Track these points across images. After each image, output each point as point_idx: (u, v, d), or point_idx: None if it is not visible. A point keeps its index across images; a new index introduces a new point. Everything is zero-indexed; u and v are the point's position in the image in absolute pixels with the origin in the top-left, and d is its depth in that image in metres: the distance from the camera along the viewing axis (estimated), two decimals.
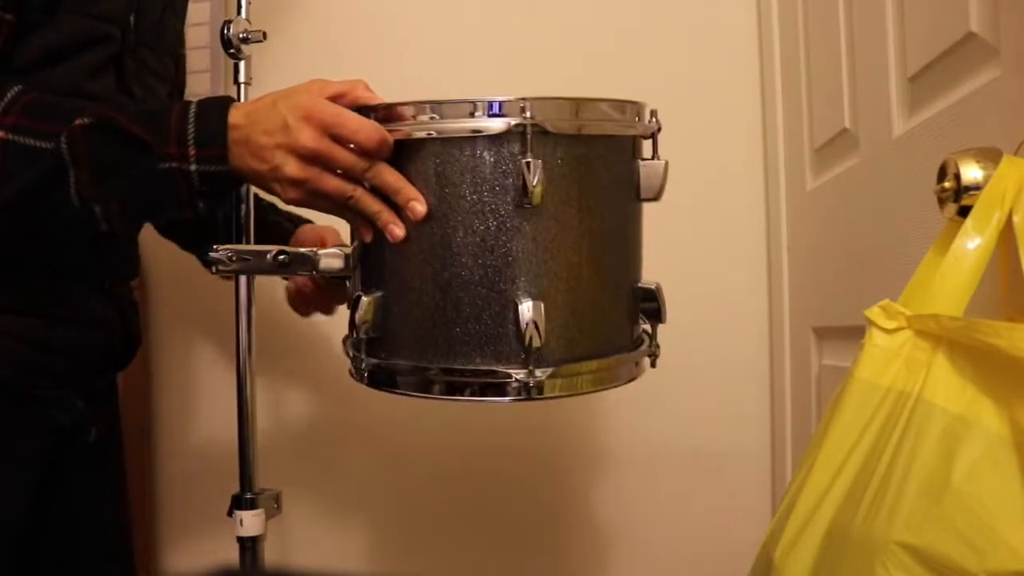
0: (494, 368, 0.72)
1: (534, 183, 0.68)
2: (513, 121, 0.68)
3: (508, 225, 0.70)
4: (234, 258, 0.80)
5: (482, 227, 0.70)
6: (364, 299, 0.74)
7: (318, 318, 1.24)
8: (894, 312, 0.58)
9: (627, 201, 0.78)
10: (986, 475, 0.48)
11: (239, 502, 0.94)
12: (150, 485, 1.36)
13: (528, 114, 0.68)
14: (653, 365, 0.81)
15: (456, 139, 0.70)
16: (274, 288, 1.09)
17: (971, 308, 0.55)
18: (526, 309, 0.70)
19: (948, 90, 0.71)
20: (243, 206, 0.95)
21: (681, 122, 1.26)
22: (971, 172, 0.56)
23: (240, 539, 0.94)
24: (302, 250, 0.80)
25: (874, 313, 0.59)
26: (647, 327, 0.82)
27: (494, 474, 1.32)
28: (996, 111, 0.62)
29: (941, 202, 0.58)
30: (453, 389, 0.73)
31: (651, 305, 0.80)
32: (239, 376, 0.95)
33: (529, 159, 0.68)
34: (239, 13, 0.95)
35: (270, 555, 0.98)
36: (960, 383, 0.52)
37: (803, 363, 1.13)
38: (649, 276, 0.82)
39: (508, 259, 0.71)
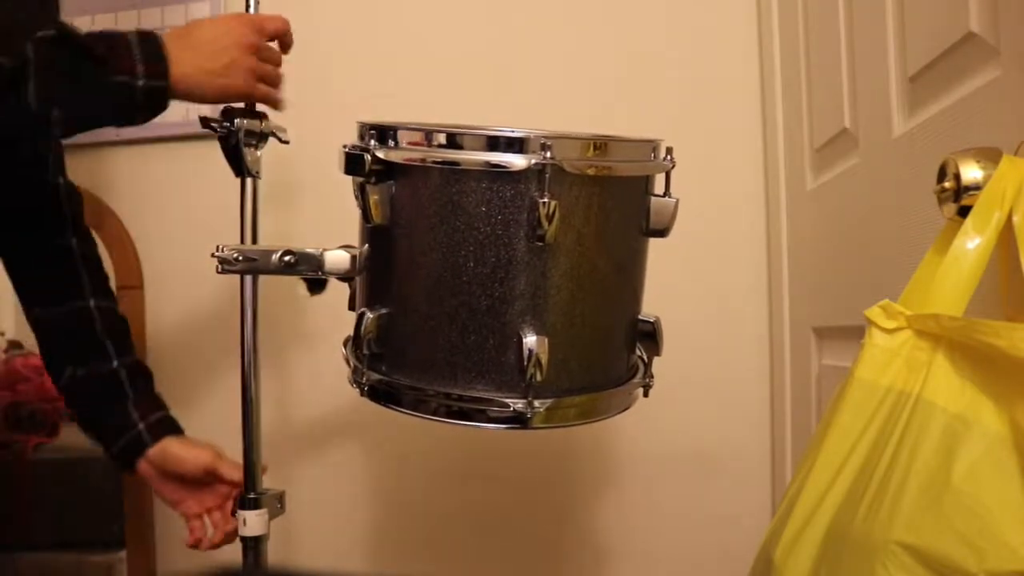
0: (493, 396, 0.72)
1: (548, 222, 0.68)
2: (533, 160, 0.68)
3: (518, 259, 0.71)
4: (240, 258, 0.80)
5: (493, 259, 0.71)
6: (369, 316, 0.74)
7: (321, 318, 1.24)
8: (894, 312, 0.58)
9: (635, 236, 0.78)
10: (986, 475, 0.48)
11: (243, 502, 0.94)
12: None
13: (548, 153, 0.68)
14: (646, 395, 0.82)
15: (474, 171, 0.70)
16: (276, 289, 1.09)
17: (971, 308, 0.55)
18: (530, 343, 0.70)
19: (948, 90, 0.71)
20: (250, 205, 0.95)
21: (681, 122, 1.28)
22: (971, 172, 0.56)
23: (243, 539, 0.94)
24: (308, 249, 0.80)
25: (874, 313, 0.59)
26: (643, 356, 0.83)
27: (497, 476, 1.32)
28: (996, 111, 0.62)
29: (941, 202, 0.58)
30: (451, 412, 0.73)
31: (649, 338, 0.80)
32: (244, 376, 0.95)
33: (546, 199, 0.68)
34: (247, 8, 0.95)
35: (272, 555, 0.98)
36: (960, 383, 0.52)
37: (803, 363, 1.13)
38: (649, 276, 0.82)
39: (516, 292, 0.71)
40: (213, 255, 0.81)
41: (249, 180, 0.94)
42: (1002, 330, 0.48)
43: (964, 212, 0.56)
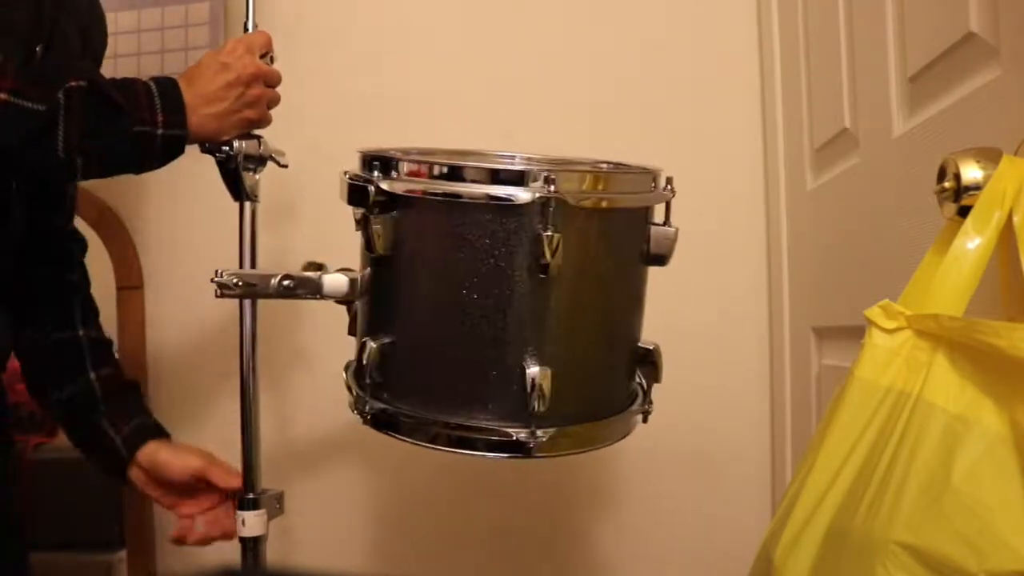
0: (496, 426, 0.73)
1: (552, 255, 0.69)
2: (537, 193, 0.69)
3: (521, 291, 0.71)
4: (239, 283, 0.80)
5: (496, 291, 0.71)
6: (372, 345, 0.74)
7: (320, 323, 1.24)
8: (894, 312, 0.58)
9: (635, 265, 0.79)
10: (986, 475, 0.48)
11: (242, 503, 0.94)
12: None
13: (552, 187, 0.68)
14: (644, 421, 0.83)
15: (478, 204, 0.70)
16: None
17: (971, 308, 0.55)
18: (533, 374, 0.70)
19: (948, 90, 0.71)
20: (249, 228, 0.95)
21: (681, 122, 1.28)
22: (971, 172, 0.56)
23: (242, 539, 0.94)
24: (306, 274, 0.80)
25: (874, 313, 0.59)
26: (642, 383, 0.83)
27: (493, 475, 1.32)
28: (996, 111, 0.62)
29: (941, 202, 0.58)
30: (454, 441, 0.74)
31: (649, 364, 0.81)
32: (243, 376, 0.95)
33: (550, 232, 0.68)
34: (246, 30, 0.94)
35: (271, 555, 0.98)
36: (960, 383, 0.52)
37: (803, 363, 1.13)
38: (648, 275, 0.82)
39: (519, 323, 0.71)
40: (212, 280, 0.80)
41: (248, 204, 0.94)
42: (1002, 330, 0.48)
43: (964, 212, 0.56)
